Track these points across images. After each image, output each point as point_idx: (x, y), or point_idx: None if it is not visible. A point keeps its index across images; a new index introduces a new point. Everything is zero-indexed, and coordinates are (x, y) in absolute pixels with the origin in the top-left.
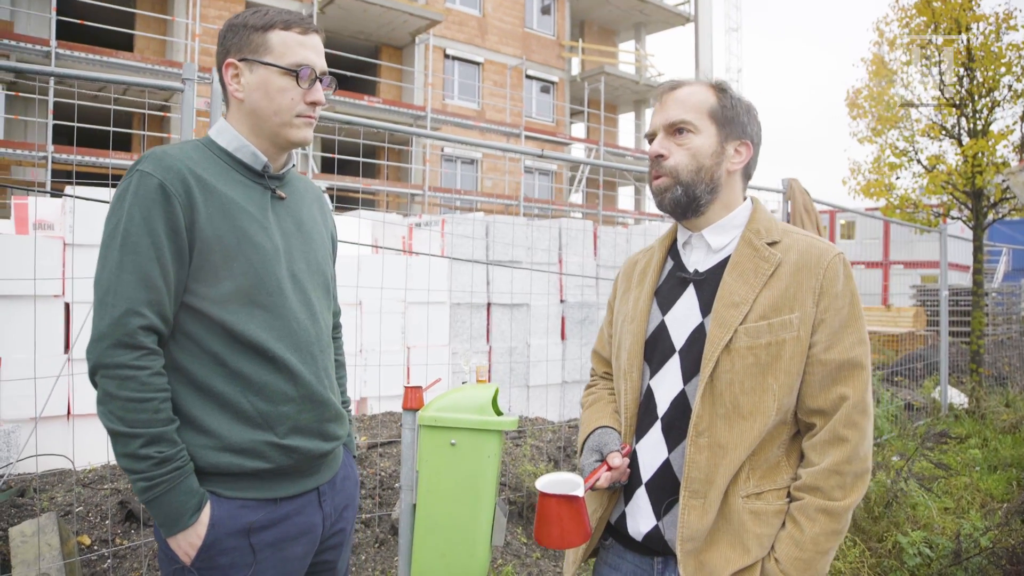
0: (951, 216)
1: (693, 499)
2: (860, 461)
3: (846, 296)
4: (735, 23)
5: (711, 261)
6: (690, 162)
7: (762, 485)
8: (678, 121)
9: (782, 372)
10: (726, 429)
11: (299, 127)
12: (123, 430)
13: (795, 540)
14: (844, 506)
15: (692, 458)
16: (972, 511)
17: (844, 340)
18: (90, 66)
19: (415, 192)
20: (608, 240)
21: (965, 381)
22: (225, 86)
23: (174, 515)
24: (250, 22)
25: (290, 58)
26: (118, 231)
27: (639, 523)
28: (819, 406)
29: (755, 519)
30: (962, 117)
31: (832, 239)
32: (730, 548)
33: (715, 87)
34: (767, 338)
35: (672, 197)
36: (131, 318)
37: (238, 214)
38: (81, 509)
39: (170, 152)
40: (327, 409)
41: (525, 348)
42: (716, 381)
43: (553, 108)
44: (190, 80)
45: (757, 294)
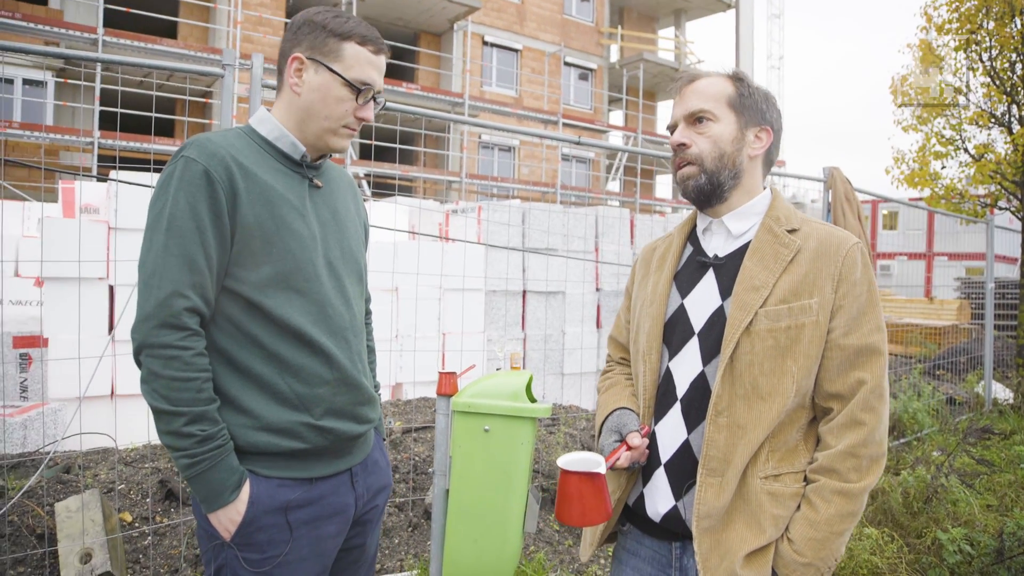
0: (999, 207)
1: (711, 477)
2: (876, 445)
3: (864, 283)
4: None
5: (731, 247)
6: (712, 149)
7: (781, 467)
8: (697, 110)
9: (801, 355)
10: (745, 409)
11: (342, 136)
12: (167, 408)
13: (810, 520)
14: (859, 488)
15: (711, 437)
16: (1016, 509)
17: (863, 326)
18: (135, 53)
19: (452, 179)
20: (645, 228)
21: (1010, 376)
22: (283, 74)
23: (215, 492)
24: (330, 26)
25: (356, 73)
26: (163, 215)
27: (657, 504)
28: (837, 390)
29: (773, 500)
30: (1013, 104)
31: (874, 230)
32: (746, 528)
33: (732, 77)
34: (787, 321)
35: (696, 184)
36: (176, 299)
37: (278, 201)
38: (123, 487)
39: (214, 139)
40: (361, 392)
41: (560, 336)
42: (736, 362)
43: (591, 95)
44: (230, 66)
45: (777, 279)
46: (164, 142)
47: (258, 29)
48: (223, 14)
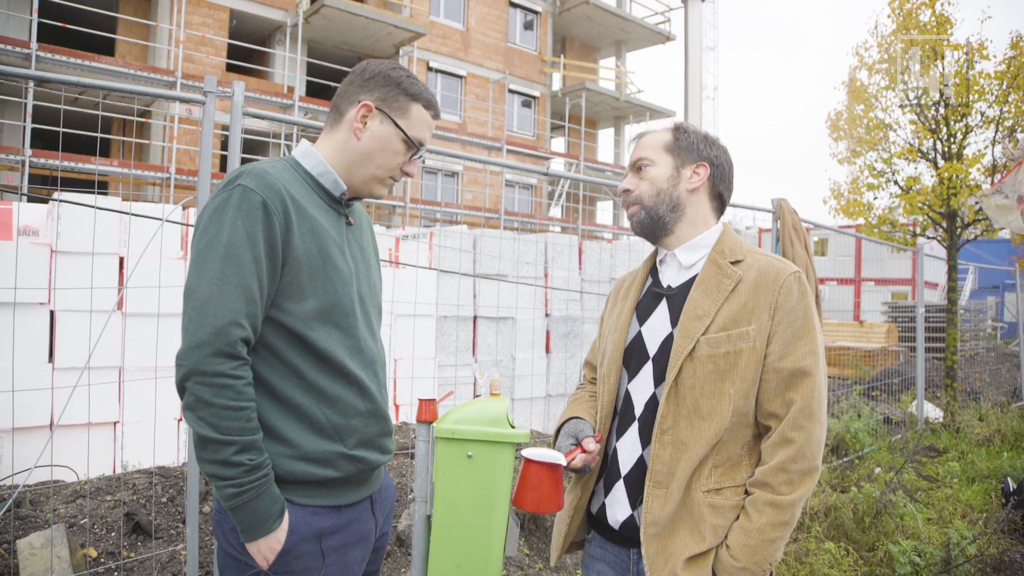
0: (926, 235)
1: (656, 489)
2: (806, 460)
3: (799, 310)
4: (712, 42)
5: (682, 278)
6: (649, 188)
7: (722, 482)
8: (638, 160)
9: (738, 378)
10: (687, 428)
11: (385, 185)
12: (216, 436)
13: (744, 529)
14: (790, 500)
15: (656, 453)
16: (956, 520)
17: (796, 350)
18: (71, 70)
19: (397, 204)
20: (593, 255)
21: (940, 396)
22: (344, 114)
23: (259, 520)
24: (404, 84)
25: (416, 132)
26: (219, 242)
27: (617, 512)
28: (773, 410)
29: (713, 511)
30: (937, 141)
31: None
32: (688, 535)
33: (673, 128)
34: (725, 347)
35: (638, 220)
36: (233, 329)
37: (324, 236)
38: (86, 521)
39: (268, 171)
40: (387, 424)
41: (511, 361)
42: (680, 385)
43: (534, 122)
44: (211, 93)
45: (719, 308)
46: (102, 162)
47: (200, 49)
48: (163, 33)
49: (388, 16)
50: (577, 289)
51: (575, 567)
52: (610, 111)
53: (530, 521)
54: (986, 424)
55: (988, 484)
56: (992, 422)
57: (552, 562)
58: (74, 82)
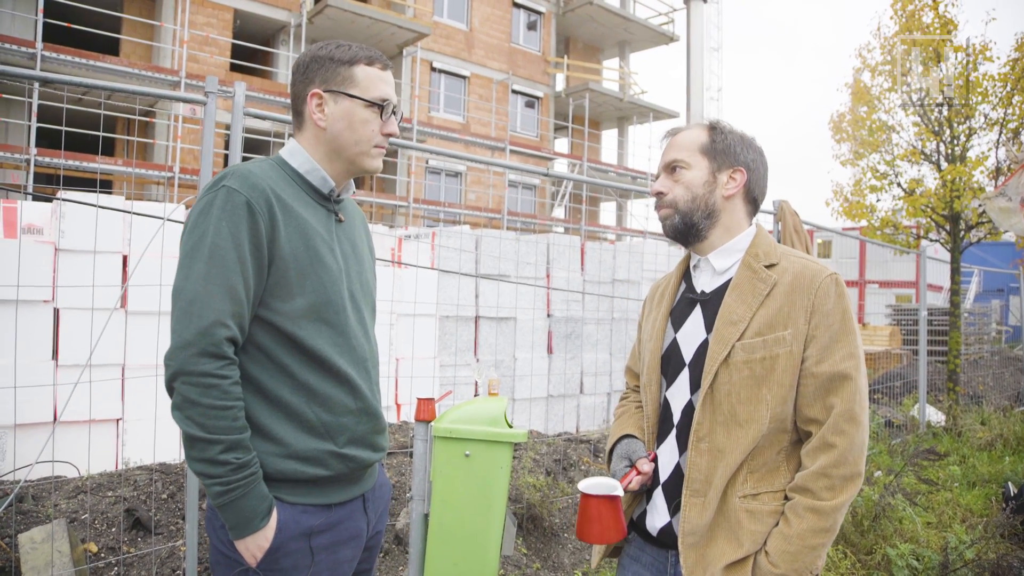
0: (929, 238)
1: (694, 498)
2: (848, 465)
3: (837, 313)
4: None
5: (716, 283)
6: (685, 193)
7: (759, 487)
8: (672, 161)
9: (775, 384)
10: (724, 435)
11: (374, 156)
12: (203, 436)
13: (784, 535)
14: (832, 506)
15: (693, 461)
16: (955, 524)
17: (834, 354)
18: (75, 69)
19: (400, 204)
20: (594, 256)
21: (942, 399)
22: (303, 113)
23: (246, 519)
24: (336, 56)
25: (374, 92)
26: (204, 243)
27: (655, 520)
28: (813, 415)
29: (750, 517)
30: (940, 143)
31: None
32: (726, 543)
33: (708, 127)
34: (761, 353)
35: (671, 224)
36: (218, 329)
37: (311, 234)
38: (86, 516)
39: (253, 171)
40: (379, 421)
41: (512, 361)
42: (716, 392)
43: (538, 123)
44: (212, 93)
45: (754, 313)
46: (105, 161)
47: (204, 49)
48: (167, 32)
49: (392, 16)
50: (579, 290)
51: (572, 567)
52: (614, 112)
53: (528, 521)
54: (988, 428)
55: (989, 488)
56: (994, 426)
57: (593, 566)
58: (76, 82)
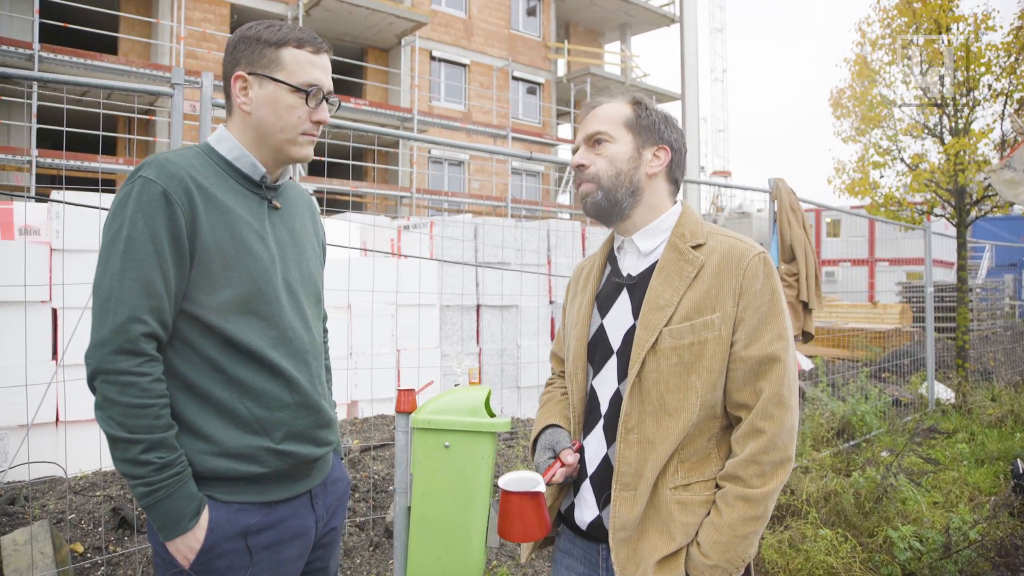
0: (935, 214)
1: (624, 491)
2: (778, 451)
3: (765, 294)
4: (719, 23)
5: (642, 265)
6: (608, 168)
7: (690, 477)
8: (595, 133)
9: (704, 370)
10: (654, 426)
11: (302, 144)
12: (123, 435)
13: (715, 525)
14: (762, 493)
15: (622, 454)
16: (961, 505)
17: (763, 336)
18: (74, 69)
19: (403, 194)
20: (596, 241)
21: (951, 376)
22: (231, 96)
23: (173, 520)
24: (263, 36)
25: (301, 77)
26: (120, 237)
27: (584, 513)
28: (743, 400)
29: (682, 509)
30: (944, 116)
31: (818, 237)
32: (658, 536)
33: (632, 102)
34: (690, 338)
35: (593, 201)
36: (133, 324)
37: (237, 223)
38: (74, 516)
39: (172, 159)
40: (321, 415)
41: (515, 349)
42: (644, 380)
43: (540, 109)
44: (179, 84)
45: (681, 296)
46: (107, 160)
47: (202, 45)
48: (165, 29)
49: (389, 6)
50: None
51: None
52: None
53: None
54: (998, 404)
55: (998, 466)
56: (1005, 402)
57: (523, 560)
58: (52, 79)
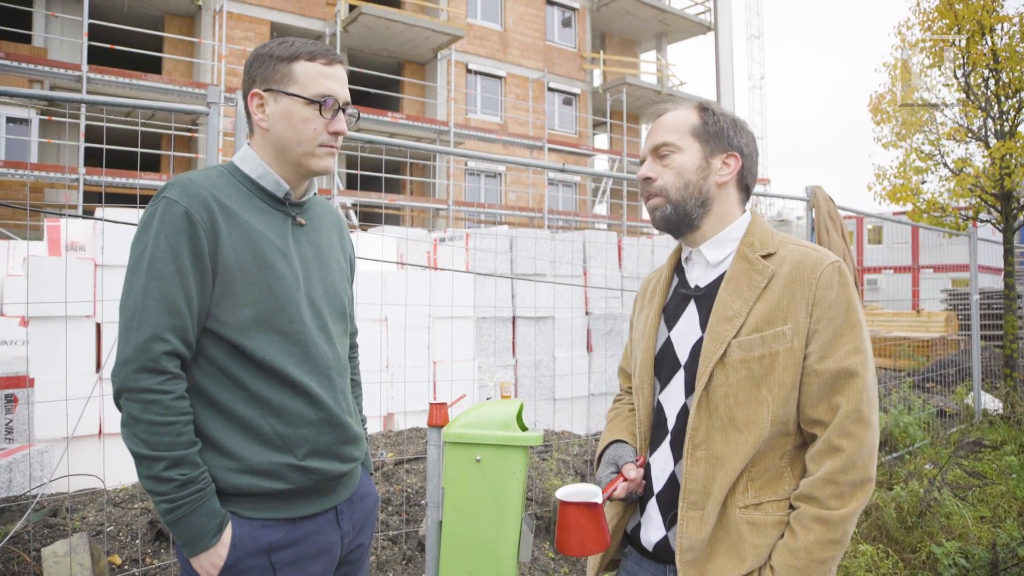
0: (980, 219)
1: (691, 510)
2: (857, 471)
3: (840, 305)
4: (757, 30)
5: (710, 276)
6: (676, 180)
7: (761, 496)
8: (661, 144)
9: (776, 384)
10: (722, 441)
11: (321, 157)
12: (147, 452)
13: (790, 548)
14: (841, 515)
15: (689, 471)
16: (1009, 520)
17: (839, 349)
18: (120, 89)
19: (439, 207)
20: (632, 251)
21: (999, 386)
22: (250, 115)
23: (196, 536)
24: (276, 52)
25: (314, 89)
26: (144, 257)
27: (650, 533)
28: (818, 416)
29: (752, 529)
30: (988, 119)
31: (860, 245)
32: (727, 558)
33: (698, 107)
34: (760, 351)
35: (663, 215)
36: (156, 343)
37: (260, 241)
38: (112, 529)
39: (195, 179)
40: (345, 431)
41: (551, 361)
42: (711, 394)
43: (576, 120)
44: (215, 103)
45: (751, 307)
46: (150, 177)
47: (242, 62)
48: (207, 48)
49: (425, 20)
50: (617, 287)
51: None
52: (652, 105)
53: (553, 524)
54: None
55: None
56: None
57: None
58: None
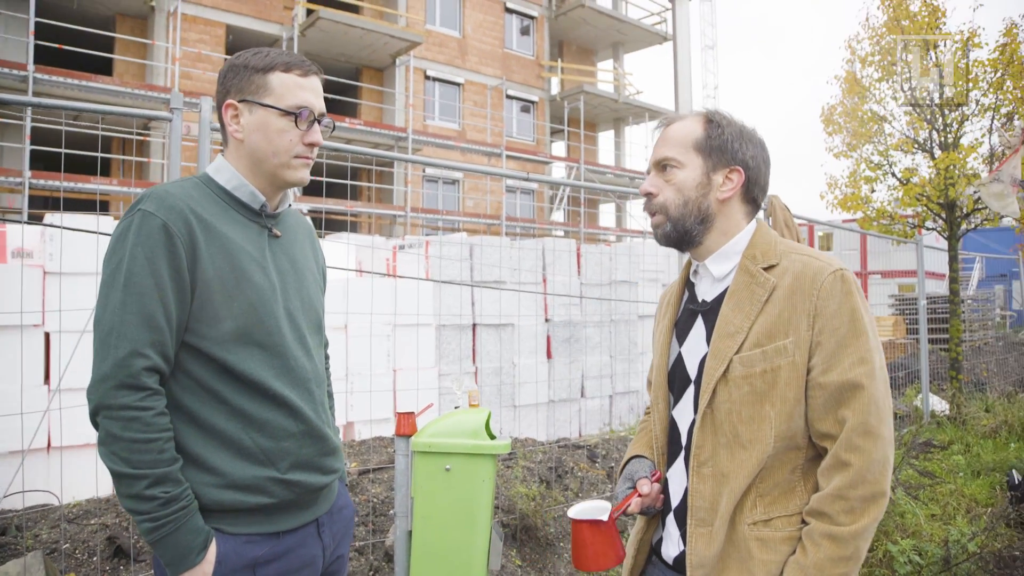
0: (926, 227)
1: (700, 527)
2: (868, 485)
3: (844, 314)
4: (711, 41)
5: (716, 290)
6: (676, 197)
7: (771, 512)
8: (663, 158)
9: (779, 399)
10: (728, 458)
11: (297, 168)
12: (127, 471)
13: (800, 565)
14: (851, 532)
15: (696, 488)
16: (958, 517)
17: (843, 361)
18: (68, 90)
19: (397, 214)
20: (592, 259)
21: (945, 388)
22: (224, 126)
23: (181, 554)
24: (251, 63)
25: (289, 100)
26: (120, 271)
27: (670, 548)
28: (826, 430)
29: (761, 546)
30: (933, 131)
31: None
32: (738, 574)
33: (705, 118)
34: (761, 366)
35: (663, 232)
36: (135, 359)
37: (238, 254)
38: (67, 546)
39: (171, 191)
40: (326, 443)
41: (512, 368)
42: (716, 411)
43: (533, 127)
44: (178, 109)
45: (752, 322)
46: (101, 182)
47: (197, 66)
48: (160, 51)
49: (384, 26)
50: (576, 294)
51: (569, 575)
52: (609, 113)
53: (522, 531)
54: (992, 415)
55: (994, 477)
56: (999, 413)
57: None
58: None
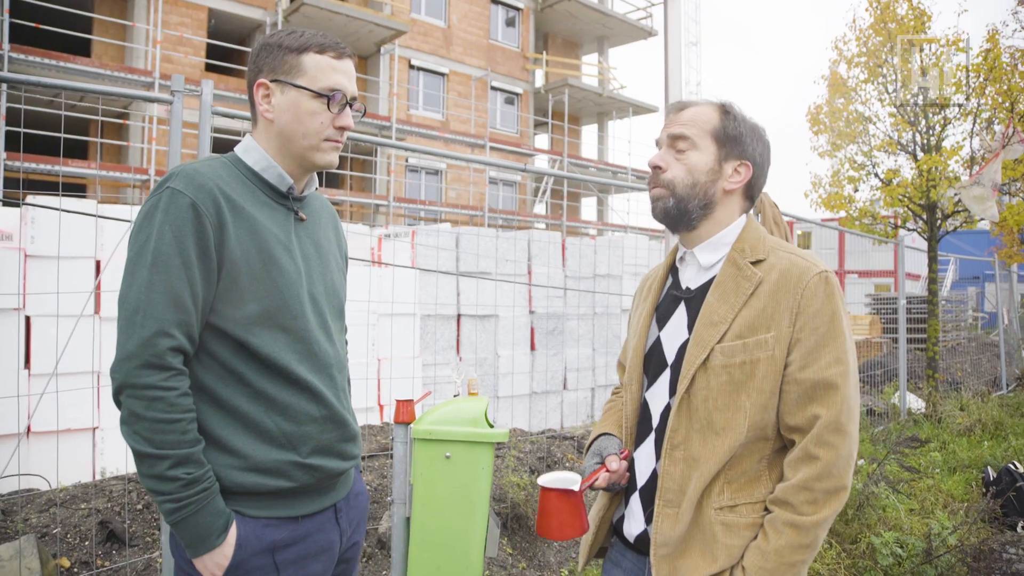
0: (906, 227)
1: (667, 508)
2: (832, 479)
3: (825, 315)
4: (695, 37)
5: (701, 279)
6: (686, 176)
7: (737, 498)
8: (679, 135)
9: (755, 391)
10: (700, 443)
11: (326, 151)
12: (150, 451)
13: (761, 550)
14: (812, 521)
15: (666, 470)
16: (937, 511)
17: (820, 360)
18: (45, 71)
19: (380, 203)
20: (575, 251)
21: (922, 387)
22: (254, 105)
23: (201, 536)
24: (285, 43)
25: (323, 82)
26: (147, 248)
27: (632, 526)
28: (796, 424)
29: (726, 530)
30: (916, 133)
31: None
32: (700, 556)
33: (721, 108)
34: (741, 357)
35: (663, 206)
36: (161, 339)
37: (265, 235)
38: (59, 530)
39: (201, 170)
40: (346, 429)
41: (494, 359)
42: (692, 397)
43: (517, 119)
44: (179, 92)
45: (736, 313)
46: (78, 164)
47: (178, 49)
48: (140, 33)
49: (369, 14)
50: (560, 286)
51: (559, 566)
52: (593, 107)
53: (513, 520)
54: (967, 414)
55: (969, 473)
56: (973, 411)
57: (580, 567)
58: (37, 82)
